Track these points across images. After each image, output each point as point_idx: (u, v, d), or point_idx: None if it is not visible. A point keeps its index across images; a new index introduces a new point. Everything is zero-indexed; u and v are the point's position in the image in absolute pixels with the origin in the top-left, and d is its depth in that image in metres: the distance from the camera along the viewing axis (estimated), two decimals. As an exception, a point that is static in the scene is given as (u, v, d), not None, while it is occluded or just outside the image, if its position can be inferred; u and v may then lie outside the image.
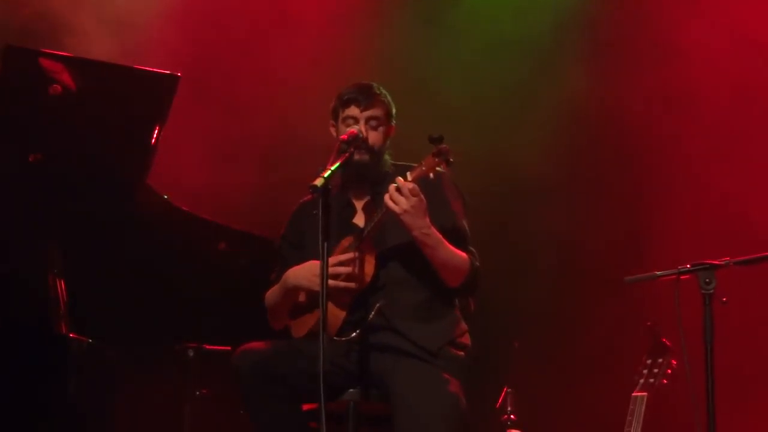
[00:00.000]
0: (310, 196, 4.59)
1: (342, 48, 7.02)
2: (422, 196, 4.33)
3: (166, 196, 5.76)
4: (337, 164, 4.34)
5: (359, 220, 4.67)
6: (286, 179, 6.42)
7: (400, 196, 4.31)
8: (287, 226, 4.87)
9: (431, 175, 4.31)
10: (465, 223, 4.66)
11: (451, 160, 4.27)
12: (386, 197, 4.34)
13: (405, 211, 4.33)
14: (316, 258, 4.32)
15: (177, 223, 5.80)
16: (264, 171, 6.90)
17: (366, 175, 4.62)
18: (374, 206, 4.59)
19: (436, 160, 4.27)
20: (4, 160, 5.36)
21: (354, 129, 4.55)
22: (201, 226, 5.85)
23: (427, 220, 4.39)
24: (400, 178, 4.34)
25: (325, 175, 4.24)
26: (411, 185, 4.31)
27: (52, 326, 5.06)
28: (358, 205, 4.71)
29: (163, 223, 5.76)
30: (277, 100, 6.94)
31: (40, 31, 6.22)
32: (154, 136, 5.52)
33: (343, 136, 4.51)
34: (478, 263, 4.60)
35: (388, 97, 4.70)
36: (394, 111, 4.70)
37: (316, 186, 4.20)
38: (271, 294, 4.77)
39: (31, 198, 5.39)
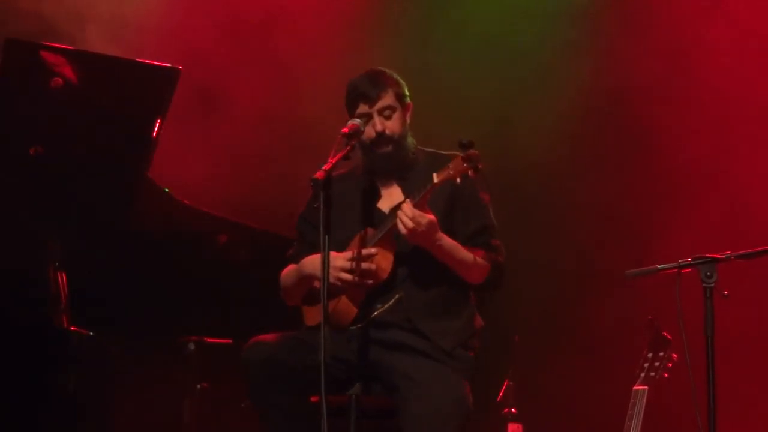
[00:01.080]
0: (334, 173, 4.61)
1: (349, 39, 7.01)
2: (431, 215, 4.35)
3: (167, 189, 5.76)
4: (338, 157, 4.33)
5: (384, 204, 4.65)
6: (290, 173, 6.42)
7: (410, 221, 4.32)
8: (307, 204, 4.84)
9: (458, 179, 4.30)
10: (492, 216, 4.66)
11: (480, 166, 4.27)
12: (398, 223, 4.34)
13: (414, 236, 4.35)
14: (334, 246, 4.31)
15: (178, 216, 5.80)
16: (267, 165, 6.90)
17: (392, 164, 4.63)
18: (403, 192, 4.58)
19: (465, 165, 4.27)
20: (4, 153, 5.36)
21: (356, 122, 4.52)
22: (202, 219, 5.86)
23: (438, 233, 4.40)
24: (406, 205, 4.34)
25: (326, 168, 4.23)
26: (416, 213, 4.31)
27: (53, 319, 5.06)
28: (384, 189, 4.69)
29: (163, 216, 5.76)
30: (280, 96, 6.94)
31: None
32: (155, 129, 5.52)
33: (344, 129, 4.48)
34: (501, 258, 4.60)
35: (395, 77, 4.67)
36: (405, 90, 4.67)
37: (317, 179, 4.18)
38: (287, 276, 4.76)
39: (31, 191, 5.39)
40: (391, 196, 4.65)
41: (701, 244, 4.59)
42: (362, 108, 4.59)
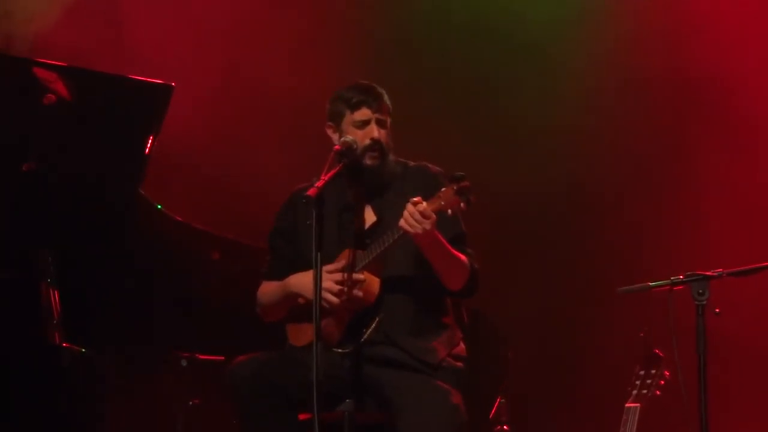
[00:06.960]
0: (301, 185, 4.63)
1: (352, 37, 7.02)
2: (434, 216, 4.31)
3: (159, 206, 5.76)
4: (330, 175, 4.32)
5: (359, 223, 4.62)
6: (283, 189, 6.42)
7: (416, 222, 4.28)
8: (278, 218, 4.82)
9: (449, 212, 4.28)
10: (462, 224, 4.65)
11: (473, 199, 4.23)
12: (402, 222, 4.29)
13: (420, 234, 4.30)
14: (312, 265, 4.25)
15: (171, 232, 5.79)
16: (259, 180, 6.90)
17: (373, 178, 4.58)
18: (374, 211, 4.58)
19: (457, 198, 4.23)
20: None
21: (347, 140, 4.51)
22: (195, 236, 5.85)
23: (435, 232, 4.37)
24: (413, 201, 4.30)
25: (319, 185, 4.22)
26: (424, 208, 4.27)
27: (45, 336, 5.05)
28: (358, 207, 4.65)
29: (156, 232, 5.76)
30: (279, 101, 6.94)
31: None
32: (148, 145, 5.52)
33: (337, 147, 4.49)
34: (477, 265, 4.59)
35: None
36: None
37: (310, 197, 4.18)
38: (267, 293, 4.74)
39: (24, 207, 5.38)
40: (363, 214, 4.62)
41: (696, 260, 4.60)
42: (364, 112, 4.56)
